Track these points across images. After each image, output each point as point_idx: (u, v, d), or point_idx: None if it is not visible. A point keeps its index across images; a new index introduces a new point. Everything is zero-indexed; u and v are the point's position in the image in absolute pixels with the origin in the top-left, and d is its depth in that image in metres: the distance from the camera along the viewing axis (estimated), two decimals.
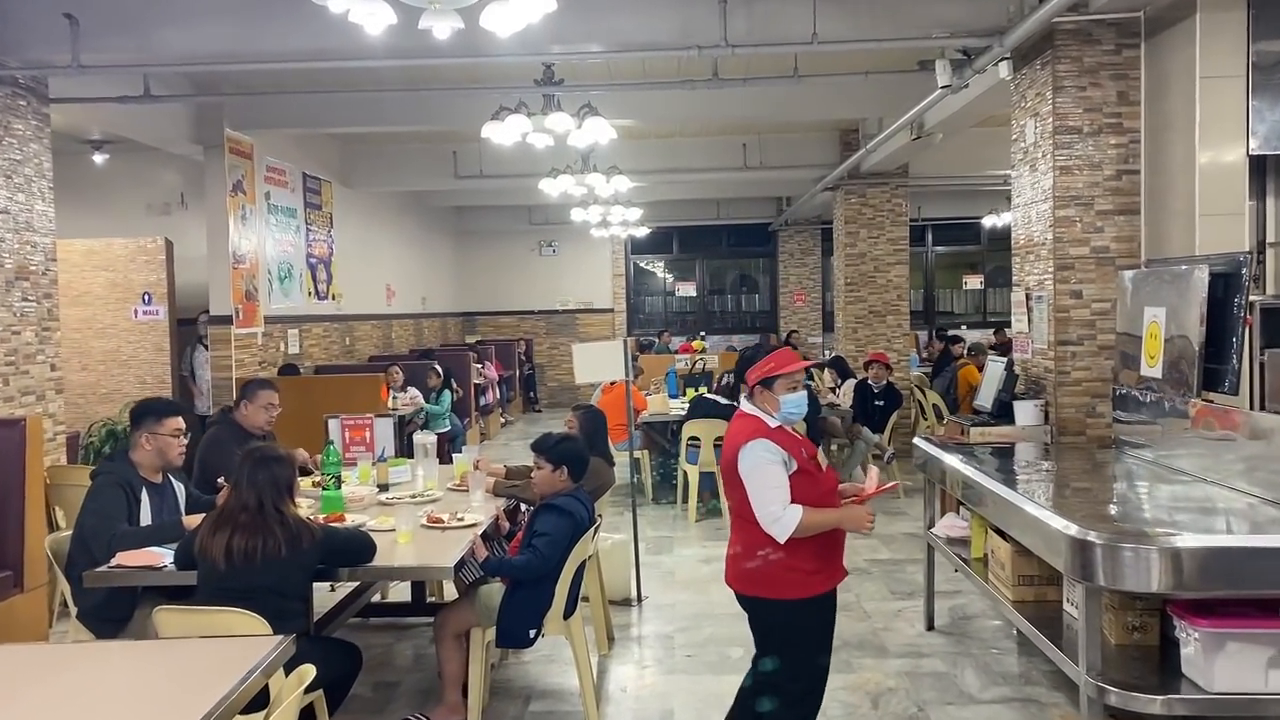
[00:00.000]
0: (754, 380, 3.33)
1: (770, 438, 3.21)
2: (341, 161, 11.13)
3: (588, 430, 5.15)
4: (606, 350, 5.88)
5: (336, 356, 10.76)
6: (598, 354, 5.92)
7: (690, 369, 10.08)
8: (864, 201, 11.06)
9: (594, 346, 6.11)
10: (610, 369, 5.88)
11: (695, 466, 7.98)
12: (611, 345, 5.82)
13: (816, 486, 3.28)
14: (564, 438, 4.29)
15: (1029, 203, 5.69)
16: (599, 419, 5.24)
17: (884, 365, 8.81)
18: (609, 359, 5.85)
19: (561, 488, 4.20)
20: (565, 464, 4.18)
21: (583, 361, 5.86)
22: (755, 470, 3.18)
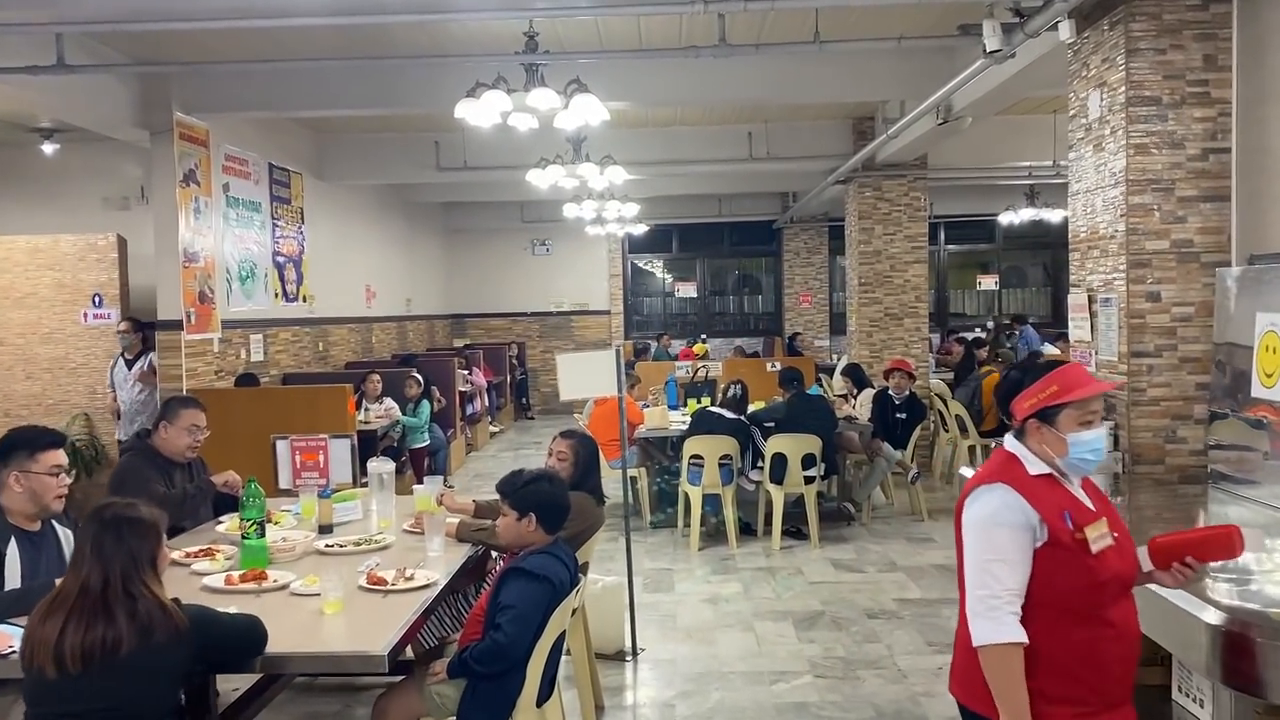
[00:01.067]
0: (1026, 411, 2.35)
1: (1020, 488, 2.28)
2: (313, 152, 10.28)
3: (580, 461, 4.30)
4: (595, 361, 5.03)
5: (308, 363, 9.91)
6: (585, 365, 5.07)
7: (692, 377, 9.23)
8: (879, 195, 10.21)
9: (581, 357, 5.25)
10: (600, 383, 5.03)
11: (698, 488, 7.14)
12: (601, 355, 4.97)
13: (1088, 573, 2.24)
14: (535, 477, 3.44)
15: (1093, 189, 4.84)
16: (592, 448, 4.40)
17: (906, 374, 7.97)
18: (598, 371, 5.00)
19: (532, 541, 3.36)
20: (535, 511, 3.33)
21: (568, 374, 5.02)
22: (979, 529, 2.30)
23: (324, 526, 4.25)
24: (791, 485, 7.11)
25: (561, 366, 5.01)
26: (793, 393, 7.28)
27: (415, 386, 8.81)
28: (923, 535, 7.48)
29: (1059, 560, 2.24)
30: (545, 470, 3.56)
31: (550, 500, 3.36)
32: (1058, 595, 2.24)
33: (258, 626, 2.73)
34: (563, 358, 5.02)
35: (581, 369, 5.05)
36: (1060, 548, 2.24)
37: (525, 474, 3.46)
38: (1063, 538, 2.25)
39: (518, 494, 3.36)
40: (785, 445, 7.05)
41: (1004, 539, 2.24)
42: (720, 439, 7.10)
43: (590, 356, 5.08)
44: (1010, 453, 2.39)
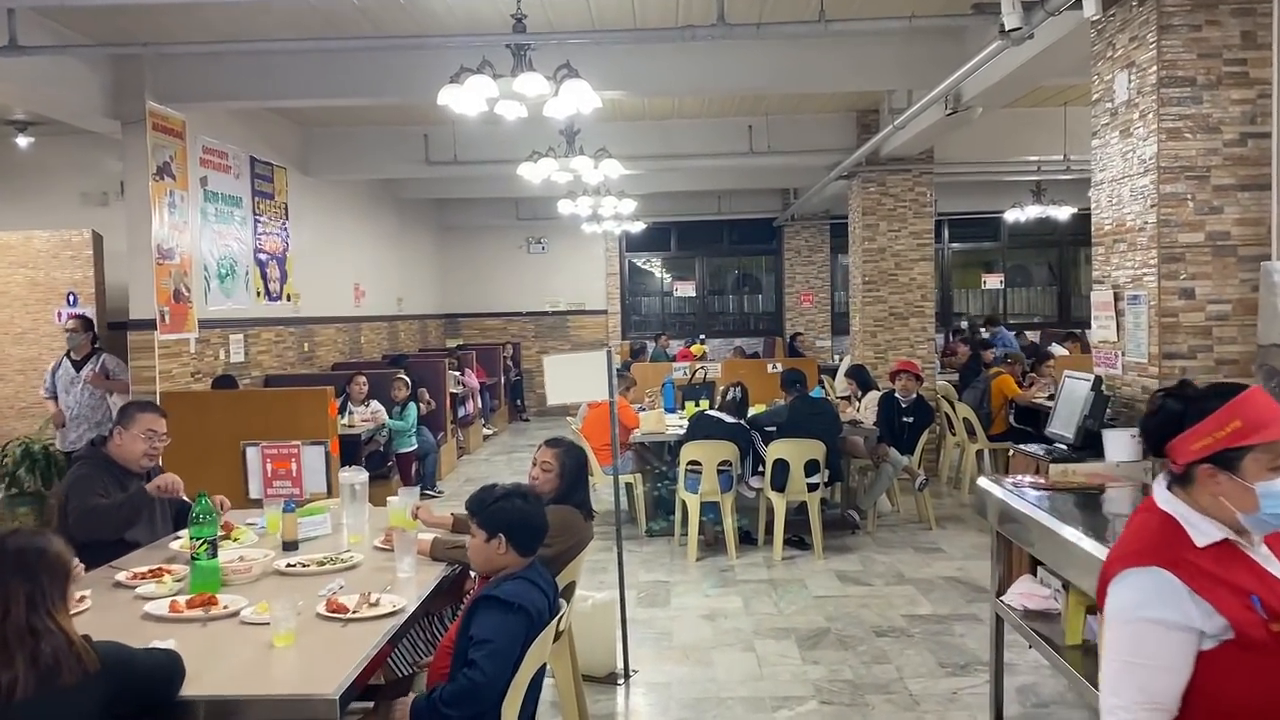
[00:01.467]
0: (1196, 455, 1.84)
1: (1183, 571, 1.76)
2: (298, 146, 9.94)
3: (566, 472, 3.95)
4: (585, 363, 4.68)
5: (292, 365, 9.57)
6: (575, 368, 4.73)
7: (690, 379, 8.89)
8: (884, 190, 9.88)
9: (570, 359, 4.91)
10: (591, 387, 4.69)
11: (696, 496, 6.80)
12: (591, 358, 4.62)
13: None
14: (506, 493, 3.10)
15: (1119, 177, 4.51)
16: (580, 458, 4.04)
17: (914, 376, 7.63)
18: (589, 374, 4.66)
19: (505, 564, 3.02)
20: (505, 531, 3.00)
21: (556, 377, 4.68)
22: (1121, 622, 1.80)
23: (288, 543, 3.90)
24: (794, 493, 6.77)
25: (549, 369, 4.67)
26: (795, 396, 6.95)
27: (403, 389, 8.48)
28: (931, 545, 7.14)
29: (1242, 665, 1.72)
30: (519, 486, 3.21)
31: (523, 519, 3.03)
32: (1238, 711, 1.72)
33: (176, 664, 2.39)
34: (550, 360, 4.68)
35: (571, 372, 4.71)
36: (1246, 648, 1.71)
37: (497, 489, 3.12)
38: (1251, 633, 1.72)
39: (487, 512, 3.02)
40: (787, 451, 6.72)
41: (1152, 640, 1.75)
42: (719, 444, 6.76)
43: (580, 358, 4.73)
44: (1167, 514, 1.85)
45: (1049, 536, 3.61)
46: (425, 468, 9.38)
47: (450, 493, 9.54)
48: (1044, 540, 3.68)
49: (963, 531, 7.51)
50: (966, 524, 7.75)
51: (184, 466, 6.85)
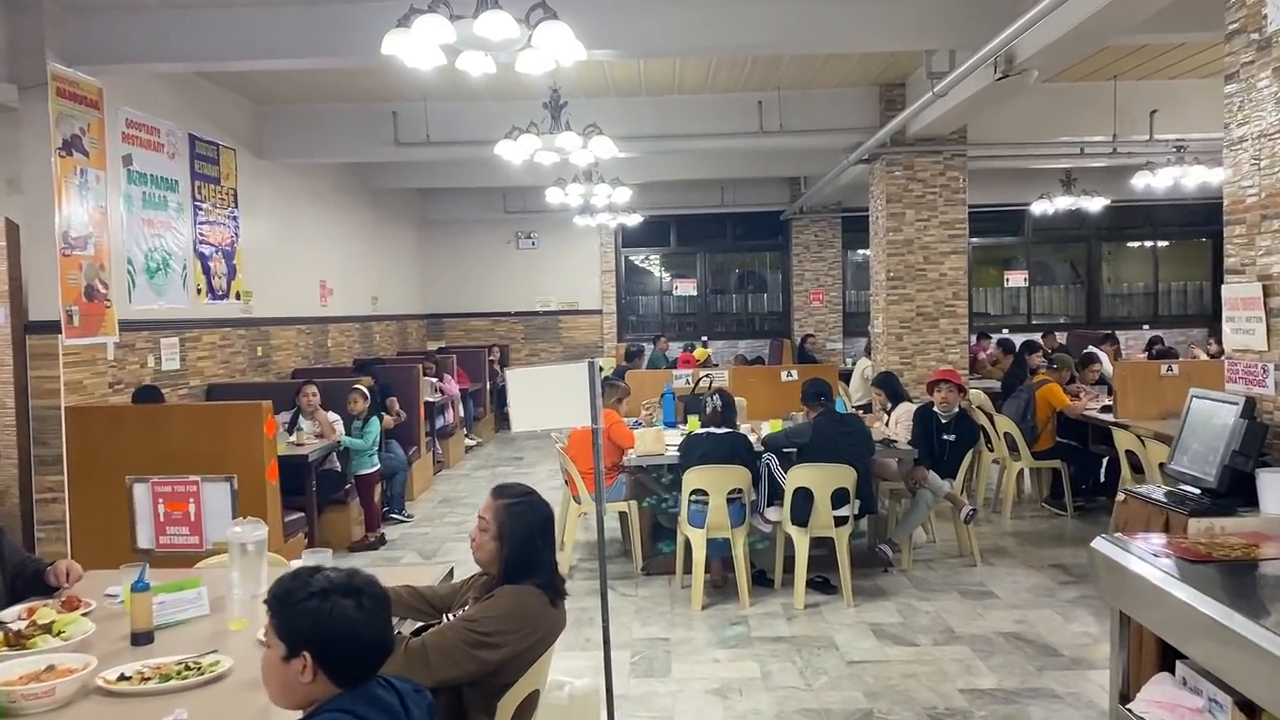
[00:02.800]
0: None
1: None
2: (251, 124, 8.83)
3: (513, 538, 2.82)
4: (563, 379, 3.56)
5: (243, 371, 8.46)
6: (549, 385, 3.61)
7: (693, 388, 7.78)
8: (911, 175, 8.78)
9: (542, 374, 3.80)
10: (569, 409, 3.57)
11: (701, 531, 5.69)
12: (569, 372, 3.50)
13: None
14: (324, 588, 1.94)
15: (1272, 131, 3.40)
16: (537, 518, 2.88)
17: (956, 387, 6.52)
18: (567, 393, 3.54)
19: (314, 698, 1.90)
20: (310, 648, 1.88)
21: (524, 398, 3.57)
22: None
23: (138, 634, 2.79)
24: (819, 527, 5.66)
25: (514, 387, 3.57)
26: (819, 411, 5.84)
27: (360, 400, 7.35)
28: (978, 587, 6.03)
29: None
30: (352, 574, 2.06)
31: (344, 632, 1.89)
32: None
33: None
34: (516, 375, 3.57)
35: (543, 390, 3.60)
36: None
37: (319, 577, 1.98)
38: None
39: (289, 612, 1.90)
40: (811, 477, 5.61)
41: None
42: (728, 470, 5.66)
43: (554, 374, 3.62)
44: None
45: (1207, 626, 2.54)
46: (393, 489, 8.27)
47: (422, 515, 8.44)
48: (1196, 630, 2.61)
49: (1011, 568, 6.41)
50: (1014, 558, 6.65)
51: (83, 498, 5.80)
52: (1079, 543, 6.99)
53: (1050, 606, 5.63)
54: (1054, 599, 5.77)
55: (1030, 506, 8.20)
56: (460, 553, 7.25)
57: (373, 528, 7.40)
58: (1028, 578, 6.20)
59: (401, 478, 8.39)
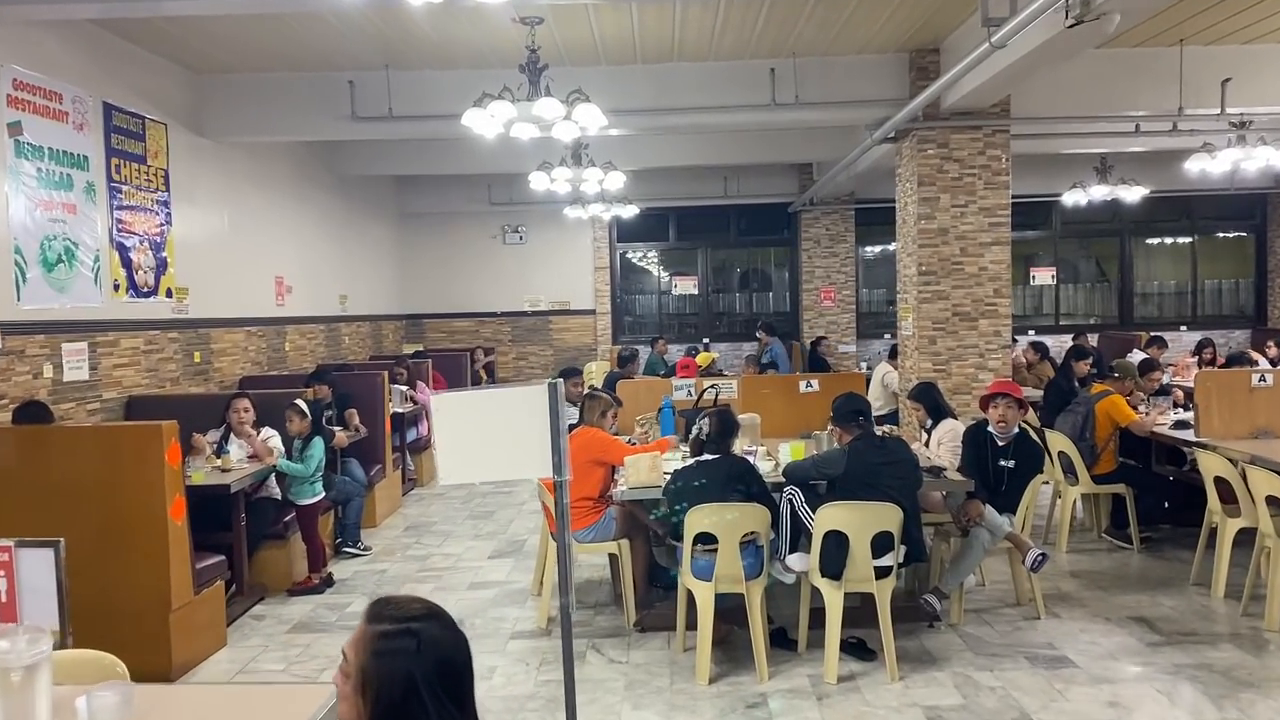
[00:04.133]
0: None
1: None
2: (187, 97, 7.68)
3: (382, 698, 1.66)
4: (510, 408, 2.41)
5: (175, 380, 7.32)
6: (489, 417, 2.46)
7: (696, 401, 6.63)
8: (946, 154, 7.65)
9: (479, 401, 2.60)
10: (520, 452, 2.41)
11: (709, 584, 4.55)
12: (519, 398, 2.35)
13: None
14: None
15: None
16: (431, 658, 1.73)
17: (1016, 402, 5.37)
18: (517, 429, 2.39)
19: None
20: None
21: (453, 434, 2.41)
22: None
23: None
24: (856, 580, 4.52)
25: (441, 420, 2.42)
26: (856, 435, 4.69)
27: (297, 419, 6.19)
28: (1048, 650, 4.89)
29: None
30: None
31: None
32: None
33: None
34: (444, 402, 2.44)
35: (483, 425, 2.44)
36: None
37: None
38: None
39: None
40: (846, 519, 4.47)
41: None
42: (742, 509, 4.52)
43: (498, 400, 2.47)
44: None
45: None
46: (347, 517, 7.12)
47: (383, 547, 7.29)
48: None
49: (1083, 622, 5.27)
50: (1083, 607, 5.51)
51: None
52: (1156, 586, 5.85)
53: (1146, 680, 4.49)
54: (1147, 667, 4.63)
55: (1085, 537, 7.07)
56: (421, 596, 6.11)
57: (317, 567, 6.26)
58: (1106, 636, 5.06)
59: (358, 504, 7.24)
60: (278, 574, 6.22)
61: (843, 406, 4.78)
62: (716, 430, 4.75)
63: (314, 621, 5.63)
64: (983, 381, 7.68)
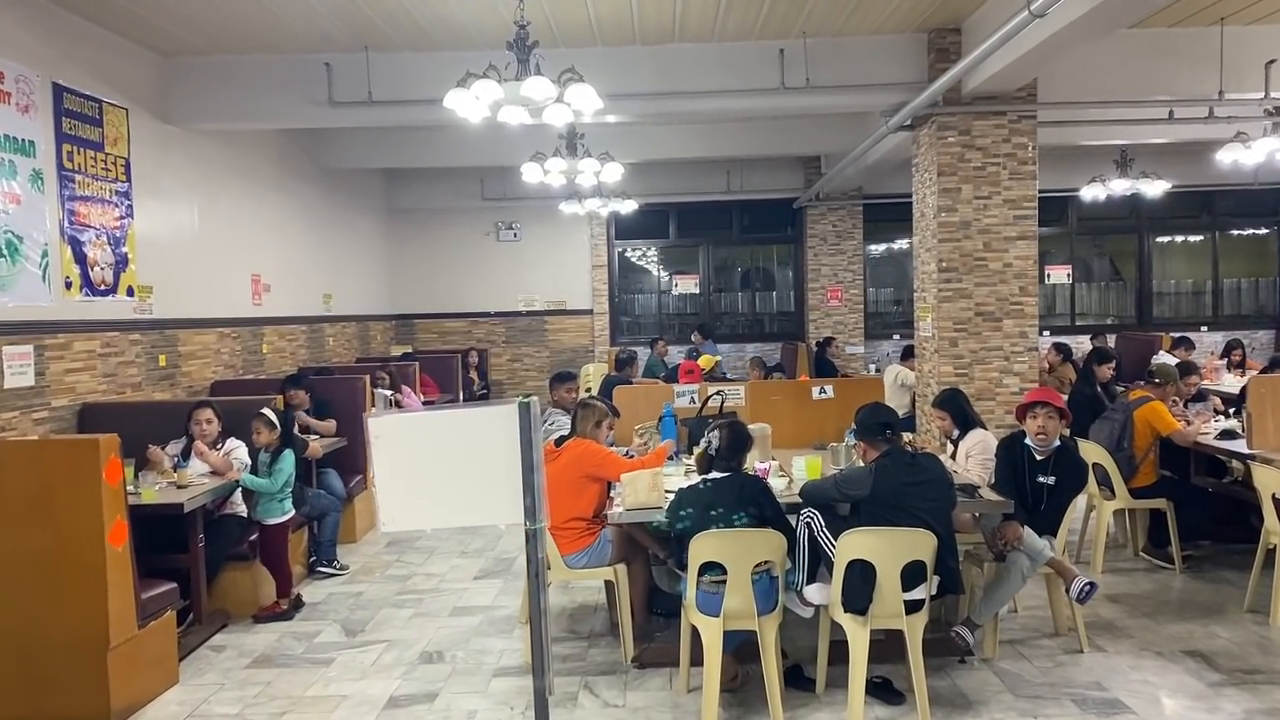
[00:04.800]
0: None
1: None
2: (153, 80, 7.15)
3: None
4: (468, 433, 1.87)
5: (138, 386, 6.78)
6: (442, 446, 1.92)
7: (699, 409, 6.09)
8: (968, 142, 7.11)
9: (428, 423, 2.06)
10: (481, 491, 1.87)
11: (717, 620, 4.01)
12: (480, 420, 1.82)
13: None
14: None
15: None
16: None
17: (1056, 412, 4.82)
18: (478, 460, 1.85)
19: None
20: None
21: (397, 467, 1.87)
22: None
23: None
24: (884, 616, 3.99)
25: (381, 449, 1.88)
26: (883, 451, 4.15)
27: (265, 430, 5.64)
28: (1098, 690, 4.35)
29: None
30: None
31: None
32: None
33: None
34: (385, 425, 1.90)
35: (434, 456, 1.90)
36: None
37: None
38: None
39: None
40: (873, 547, 3.93)
41: None
42: (751, 536, 3.98)
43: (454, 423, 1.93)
44: None
45: None
46: (322, 533, 6.59)
47: (360, 566, 6.75)
48: None
49: (1131, 655, 4.73)
50: (1129, 637, 4.98)
51: None
52: (1207, 613, 5.32)
53: None
54: (1214, 715, 4.09)
55: (1120, 555, 6.54)
56: (399, 623, 5.58)
57: (285, 591, 5.71)
58: (1160, 673, 4.53)
59: (334, 519, 6.71)
60: (243, 598, 5.69)
61: (868, 419, 4.24)
62: (727, 444, 4.21)
63: (278, 654, 5.09)
64: (1007, 386, 7.15)
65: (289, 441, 5.75)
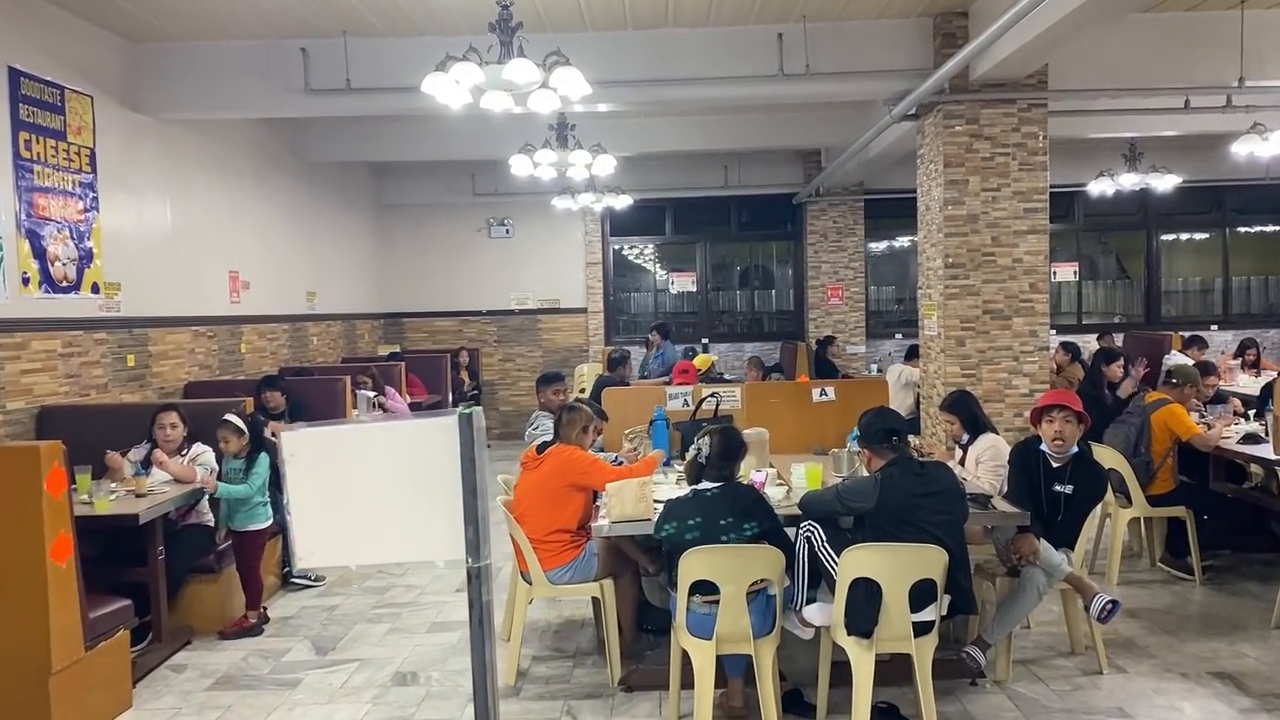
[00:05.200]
0: None
1: None
2: (121, 67, 6.82)
3: None
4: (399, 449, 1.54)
5: (103, 388, 6.45)
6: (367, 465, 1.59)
7: (694, 412, 5.76)
8: (976, 131, 6.78)
9: (348, 437, 1.74)
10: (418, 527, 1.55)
11: (710, 643, 3.69)
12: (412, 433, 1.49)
13: None
14: None
15: None
16: None
17: (1075, 416, 4.50)
18: (409, 488, 1.52)
19: None
20: None
21: (313, 490, 1.54)
22: None
23: None
24: (890, 639, 3.67)
25: (292, 471, 1.55)
26: (889, 460, 3.82)
27: (234, 439, 5.31)
28: (1119, 714, 4.04)
29: None
30: None
31: None
32: None
33: None
34: (298, 440, 1.58)
35: (355, 477, 1.57)
36: None
37: None
38: None
39: None
40: (879, 564, 3.61)
41: None
42: (747, 553, 3.66)
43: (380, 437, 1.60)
44: None
45: None
46: None
47: (338, 577, 6.43)
48: None
49: (1154, 676, 4.42)
50: (1150, 656, 4.66)
51: None
52: (1232, 629, 5.00)
53: None
54: None
55: (1135, 565, 6.23)
56: (373, 640, 5.25)
57: (255, 604, 5.39)
58: (1185, 696, 4.21)
59: None
60: (208, 613, 5.37)
61: (872, 424, 3.91)
62: (719, 452, 3.88)
63: (242, 674, 4.76)
64: (1016, 388, 6.83)
65: (260, 445, 5.41)
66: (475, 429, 1.49)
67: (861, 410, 4.15)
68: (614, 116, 9.60)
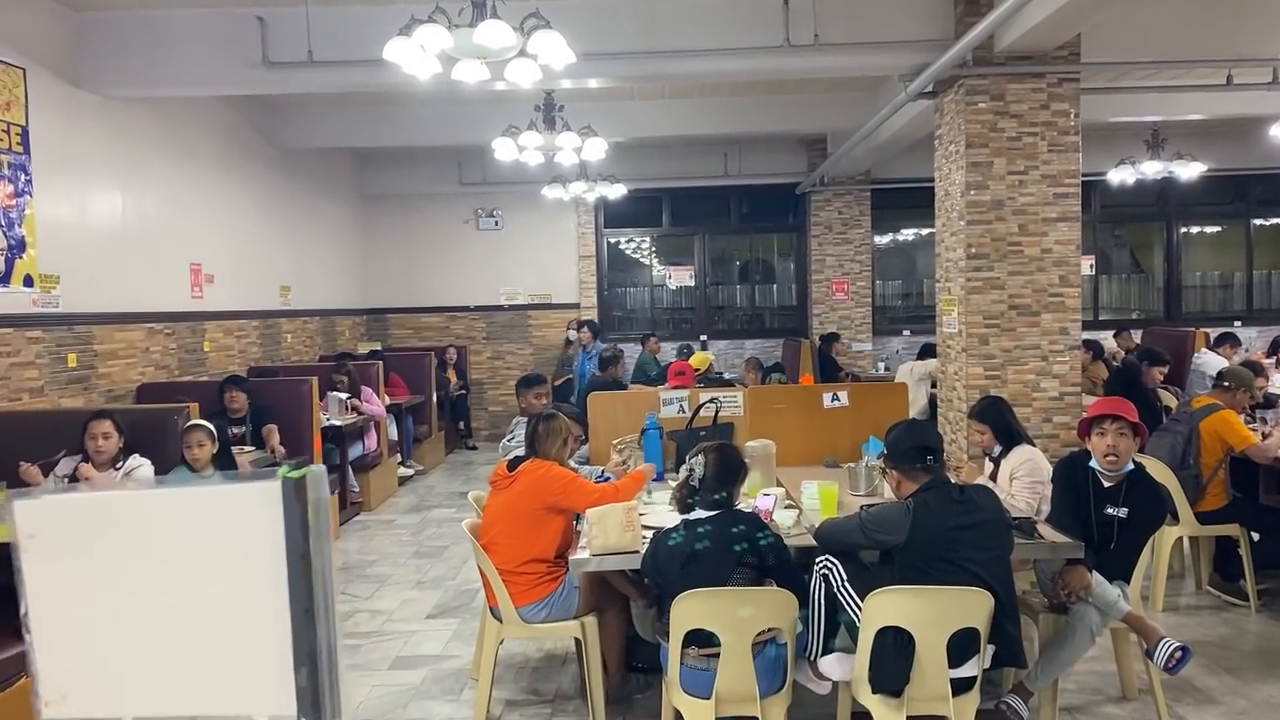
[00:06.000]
0: None
1: None
2: (61, 40, 6.19)
3: None
4: (198, 532, 0.96)
5: (38, 392, 5.84)
6: (145, 563, 0.99)
7: (690, 420, 5.15)
8: (1001, 109, 6.16)
9: (120, 508, 1.10)
10: (228, 661, 0.97)
11: (707, 703, 3.08)
12: (222, 507, 0.90)
13: None
14: None
15: None
16: None
17: (1130, 427, 3.88)
18: (213, 597, 0.98)
19: None
20: None
21: (63, 605, 0.98)
22: None
23: None
24: (925, 698, 3.06)
25: (29, 565, 0.95)
26: (923, 484, 3.21)
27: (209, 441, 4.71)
28: None
29: None
30: None
31: None
32: None
33: None
34: (29, 510, 0.96)
35: (130, 577, 0.97)
36: None
37: None
38: None
39: None
40: (912, 610, 3.00)
41: None
42: (756, 598, 3.06)
43: (159, 509, 0.99)
44: None
45: None
46: None
47: None
48: None
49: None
50: (1213, 701, 4.07)
51: None
52: None
53: None
54: None
55: (1180, 588, 5.63)
56: None
57: None
58: None
59: None
60: None
61: (902, 440, 3.29)
62: (714, 474, 3.27)
63: None
64: (1045, 391, 6.23)
65: (228, 455, 4.81)
66: (313, 501, 0.88)
67: (877, 417, 3.55)
68: (605, 97, 8.99)
